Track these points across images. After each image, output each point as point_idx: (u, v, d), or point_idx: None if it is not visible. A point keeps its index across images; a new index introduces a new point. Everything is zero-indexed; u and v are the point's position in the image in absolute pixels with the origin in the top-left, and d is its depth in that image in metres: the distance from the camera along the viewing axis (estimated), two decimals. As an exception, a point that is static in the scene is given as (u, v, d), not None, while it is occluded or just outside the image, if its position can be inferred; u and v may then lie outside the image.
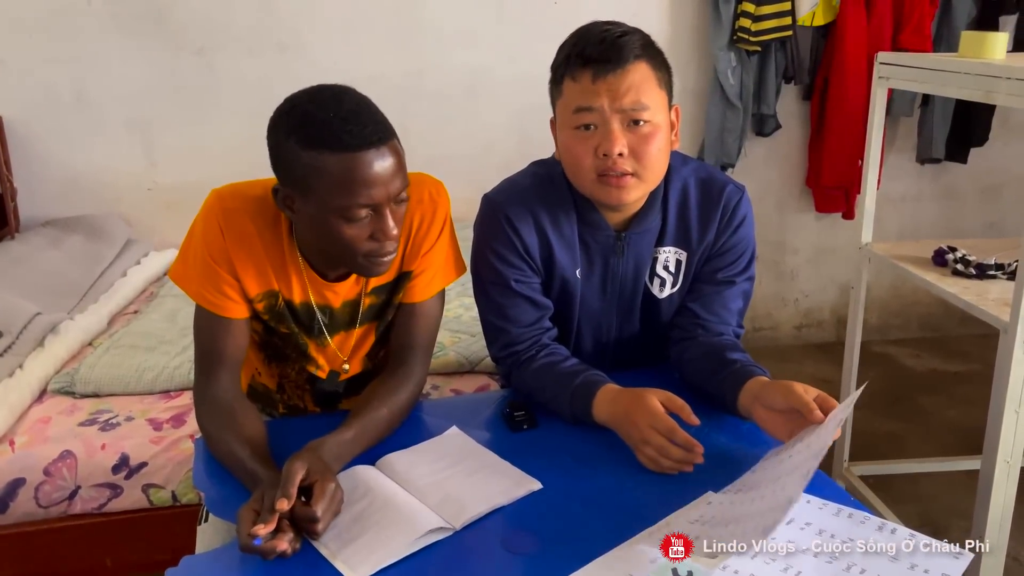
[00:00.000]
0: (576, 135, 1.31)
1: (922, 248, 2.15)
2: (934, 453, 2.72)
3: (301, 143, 1.12)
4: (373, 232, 1.16)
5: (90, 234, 2.88)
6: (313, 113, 1.12)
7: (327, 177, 1.11)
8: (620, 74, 1.27)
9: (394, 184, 1.15)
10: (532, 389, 1.40)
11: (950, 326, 3.90)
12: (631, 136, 1.28)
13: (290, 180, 1.16)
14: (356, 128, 1.11)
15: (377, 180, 1.13)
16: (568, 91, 1.31)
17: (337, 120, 1.11)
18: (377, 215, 1.16)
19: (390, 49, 3.15)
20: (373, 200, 1.13)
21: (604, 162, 1.29)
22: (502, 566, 1.03)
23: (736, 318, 1.50)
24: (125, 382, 1.97)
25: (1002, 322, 1.65)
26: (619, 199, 1.34)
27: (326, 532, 1.05)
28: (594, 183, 1.32)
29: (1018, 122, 3.66)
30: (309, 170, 1.12)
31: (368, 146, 1.11)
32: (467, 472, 1.20)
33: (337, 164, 1.11)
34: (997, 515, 1.70)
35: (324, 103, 1.13)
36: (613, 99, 1.27)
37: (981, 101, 1.70)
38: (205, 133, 3.12)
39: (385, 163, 1.13)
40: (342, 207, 1.13)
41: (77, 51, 2.96)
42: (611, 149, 1.28)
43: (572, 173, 1.36)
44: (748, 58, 3.26)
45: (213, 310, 1.26)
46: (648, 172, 1.32)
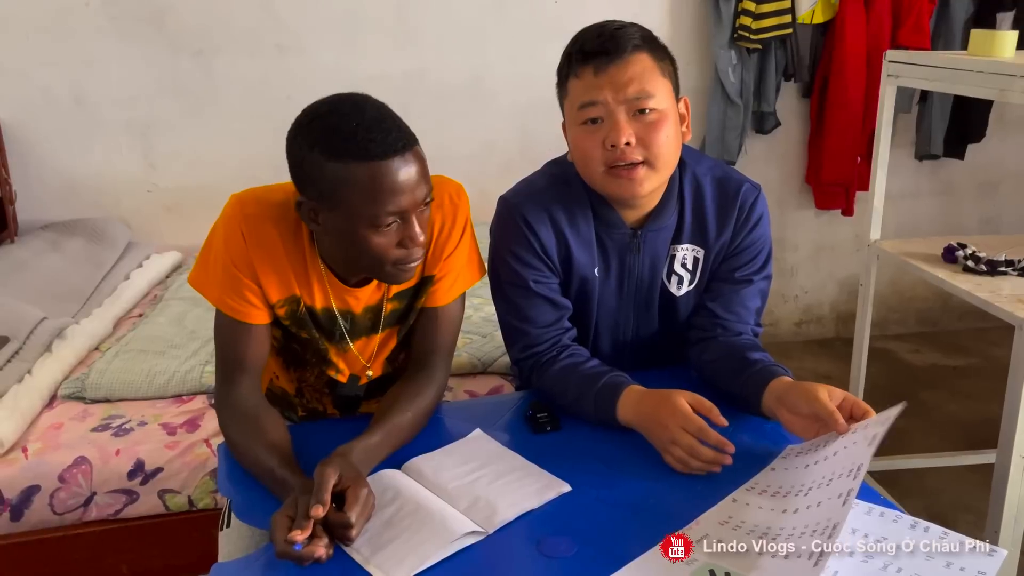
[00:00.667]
0: (584, 130, 1.32)
1: (929, 245, 2.16)
2: (938, 448, 2.73)
3: (325, 154, 1.11)
4: (401, 239, 1.16)
5: (90, 237, 2.86)
6: (336, 124, 1.11)
7: (354, 187, 1.11)
8: (621, 65, 1.27)
9: (420, 190, 1.15)
10: (554, 391, 1.39)
11: (948, 321, 3.92)
12: (637, 125, 1.29)
13: (315, 192, 1.15)
14: (380, 136, 1.11)
15: (404, 187, 1.12)
16: (572, 89, 1.32)
17: (361, 130, 1.10)
18: (404, 222, 1.15)
19: (390, 49, 3.14)
20: (401, 207, 1.13)
21: (613, 153, 1.29)
22: (538, 569, 1.03)
23: (754, 317, 1.50)
24: (136, 387, 1.96)
25: (1018, 318, 1.66)
26: (632, 191, 1.33)
27: (358, 538, 1.05)
28: (605, 177, 1.32)
29: (1014, 118, 3.68)
30: (335, 181, 1.11)
31: (393, 154, 1.11)
32: (495, 475, 1.19)
33: (364, 173, 1.10)
34: (1013, 510, 1.71)
35: (346, 113, 1.12)
36: (616, 90, 1.27)
37: (994, 99, 1.71)
38: (204, 135, 3.10)
39: (411, 170, 1.13)
40: (370, 216, 1.12)
41: (75, 53, 2.94)
42: (618, 139, 1.28)
43: (584, 169, 1.36)
44: (748, 56, 3.27)
45: (235, 316, 1.25)
46: (659, 160, 1.31)
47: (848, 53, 3.23)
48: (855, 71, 3.25)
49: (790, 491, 1.11)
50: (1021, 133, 3.74)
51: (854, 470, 1.03)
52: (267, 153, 2.15)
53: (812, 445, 1.19)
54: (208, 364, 2.01)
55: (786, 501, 1.09)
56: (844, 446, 1.11)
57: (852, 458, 1.06)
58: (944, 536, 1.03)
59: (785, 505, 1.08)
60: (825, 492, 1.04)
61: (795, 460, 1.18)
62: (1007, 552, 1.00)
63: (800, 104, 3.52)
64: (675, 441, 1.19)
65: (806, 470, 1.14)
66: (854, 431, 1.13)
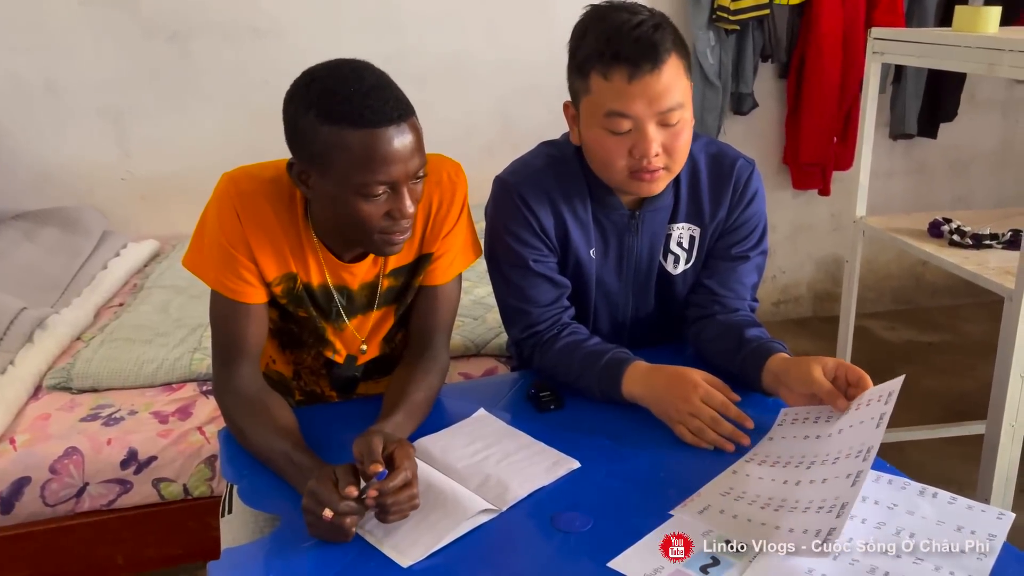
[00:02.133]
0: (607, 135, 1.29)
1: (914, 221, 2.19)
2: (918, 421, 2.78)
3: (321, 118, 1.10)
4: (389, 210, 1.15)
5: (65, 227, 2.80)
6: (334, 88, 1.10)
7: (347, 153, 1.09)
8: (656, 75, 1.23)
9: (413, 162, 1.13)
10: (557, 369, 1.40)
11: (921, 298, 3.99)
12: (664, 134, 1.27)
13: (307, 155, 1.14)
14: (377, 104, 1.09)
15: (397, 157, 1.11)
16: (598, 90, 1.27)
17: (358, 95, 1.09)
18: (394, 193, 1.14)
19: (369, 32, 3.10)
20: (392, 178, 1.12)
21: (639, 163, 1.28)
22: (555, 544, 1.03)
23: (751, 292, 1.52)
24: (124, 376, 1.93)
25: (1006, 289, 1.69)
26: (649, 191, 1.35)
27: (368, 520, 1.04)
28: (626, 179, 1.32)
29: (984, 98, 3.74)
30: (328, 146, 1.10)
31: (389, 123, 1.10)
32: (503, 454, 1.20)
33: (358, 140, 1.09)
34: (1003, 477, 1.74)
35: (345, 78, 1.11)
36: (650, 103, 1.24)
37: (983, 73, 1.73)
38: (180, 121, 3.04)
39: (405, 140, 1.12)
40: (360, 184, 1.11)
41: (45, 38, 2.86)
42: (648, 152, 1.27)
43: (602, 169, 1.34)
44: (726, 37, 3.28)
45: (232, 296, 1.24)
46: (677, 164, 1.33)
47: (824, 34, 3.26)
48: (831, 52, 3.28)
49: (789, 462, 1.12)
50: (992, 112, 3.80)
51: (863, 451, 1.04)
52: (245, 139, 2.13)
53: (809, 413, 1.21)
54: (197, 351, 1.99)
55: (786, 472, 1.10)
56: (849, 424, 1.12)
57: (860, 438, 1.07)
58: (952, 501, 1.05)
59: (786, 476, 1.09)
60: (831, 470, 1.05)
61: (792, 428, 1.20)
62: (1015, 516, 1.02)
63: (777, 85, 3.55)
64: (695, 413, 1.20)
65: (806, 441, 1.15)
66: (857, 408, 1.14)
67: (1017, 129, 3.85)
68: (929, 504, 1.05)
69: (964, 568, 0.93)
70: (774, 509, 1.03)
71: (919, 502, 1.05)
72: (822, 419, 1.18)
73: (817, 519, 0.97)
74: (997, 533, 0.98)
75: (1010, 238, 1.99)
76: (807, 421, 1.19)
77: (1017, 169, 3.89)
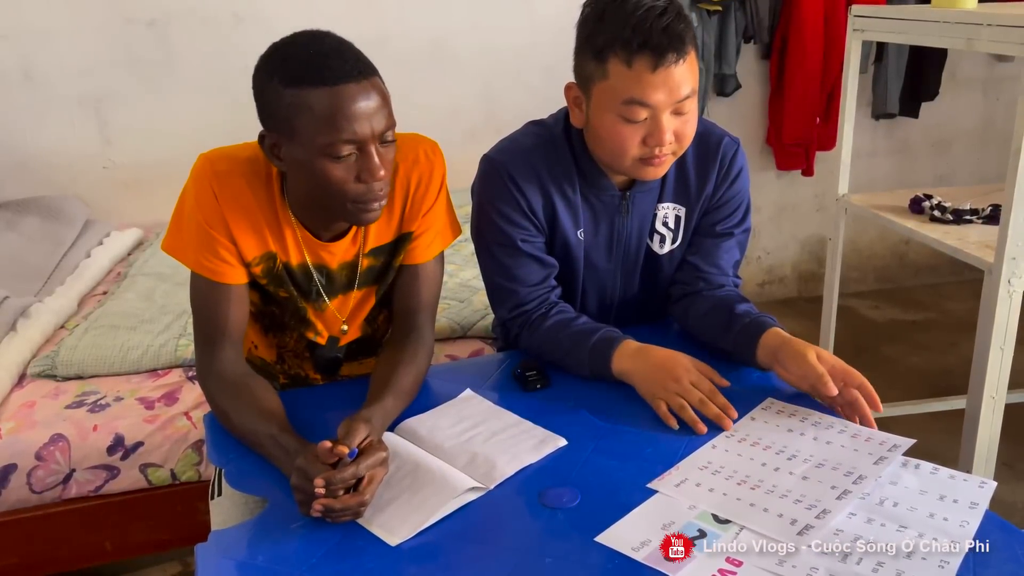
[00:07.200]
0: (621, 122, 1.27)
1: (895, 198, 2.20)
2: (902, 398, 2.80)
3: (283, 81, 1.10)
4: (359, 173, 1.14)
5: (46, 216, 2.78)
6: (293, 52, 1.12)
7: (309, 113, 1.10)
8: (679, 65, 1.23)
9: (377, 119, 1.13)
10: (544, 348, 1.40)
11: (903, 277, 4.02)
12: (676, 122, 1.28)
13: (275, 123, 1.14)
14: (337, 63, 1.10)
15: (360, 114, 1.11)
16: (617, 76, 1.24)
17: (319, 56, 1.10)
18: (362, 154, 1.14)
19: (350, 16, 3.07)
20: (357, 136, 1.11)
21: (651, 151, 1.29)
22: (542, 521, 1.03)
23: (733, 269, 1.52)
24: (109, 363, 1.92)
25: (986, 263, 1.71)
26: (655, 175, 1.36)
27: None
28: (635, 164, 1.32)
29: (964, 77, 3.76)
30: (292, 109, 1.10)
31: (349, 79, 1.10)
32: (490, 433, 1.20)
33: (319, 99, 1.09)
34: (984, 449, 1.77)
35: (304, 43, 1.12)
36: (670, 92, 1.23)
37: (962, 48, 1.74)
38: (160, 108, 3.01)
39: (368, 97, 1.12)
40: (326, 144, 1.11)
41: (22, 25, 2.82)
42: (663, 141, 1.27)
43: (611, 156, 1.33)
44: (709, 18, 3.28)
45: (212, 277, 1.23)
46: (683, 148, 1.33)
47: (806, 15, 3.26)
48: (813, 32, 3.29)
49: (770, 447, 1.13)
50: (972, 92, 3.82)
51: (855, 476, 1.05)
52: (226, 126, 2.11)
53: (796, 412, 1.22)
54: (183, 338, 1.98)
55: (766, 455, 1.12)
56: (841, 444, 1.13)
57: (853, 462, 1.08)
58: (935, 472, 1.07)
59: (765, 459, 1.11)
60: (815, 472, 1.07)
61: (776, 418, 1.21)
62: (996, 484, 1.04)
63: (760, 66, 3.55)
64: (682, 393, 1.21)
65: (789, 434, 1.16)
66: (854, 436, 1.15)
67: (998, 107, 3.87)
68: (912, 475, 1.07)
69: (947, 535, 0.94)
70: (750, 488, 1.05)
71: (902, 473, 1.07)
72: (808, 420, 1.19)
73: (795, 509, 0.99)
74: (979, 501, 1.00)
75: (990, 213, 2.01)
76: (793, 417, 1.20)
77: (998, 147, 3.92)
